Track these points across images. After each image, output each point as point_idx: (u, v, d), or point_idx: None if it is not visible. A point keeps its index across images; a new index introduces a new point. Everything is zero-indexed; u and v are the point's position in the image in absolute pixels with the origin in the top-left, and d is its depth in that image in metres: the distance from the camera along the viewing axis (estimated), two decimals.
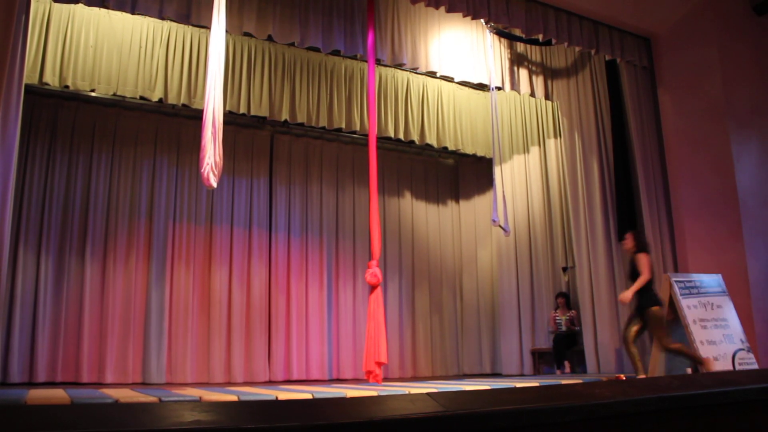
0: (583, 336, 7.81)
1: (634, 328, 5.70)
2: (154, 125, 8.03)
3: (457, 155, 9.89)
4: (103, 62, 7.01)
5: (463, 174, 10.26)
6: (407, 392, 3.16)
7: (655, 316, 5.55)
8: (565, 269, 8.63)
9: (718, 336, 5.76)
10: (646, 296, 5.63)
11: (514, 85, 7.87)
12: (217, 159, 4.96)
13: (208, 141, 4.96)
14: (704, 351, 5.59)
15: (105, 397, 4.26)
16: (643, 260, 5.69)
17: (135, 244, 7.62)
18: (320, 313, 8.57)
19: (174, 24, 7.18)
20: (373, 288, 6.03)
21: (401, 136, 8.66)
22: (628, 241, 5.99)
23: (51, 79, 6.73)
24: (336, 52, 7.66)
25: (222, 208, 8.24)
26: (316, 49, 7.38)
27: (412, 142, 8.89)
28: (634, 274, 5.76)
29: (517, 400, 1.57)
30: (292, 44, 7.11)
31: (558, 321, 8.23)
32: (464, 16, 6.76)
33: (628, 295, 5.70)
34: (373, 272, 5.94)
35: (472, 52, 7.66)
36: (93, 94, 7.36)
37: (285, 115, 7.92)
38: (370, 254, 6.25)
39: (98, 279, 7.36)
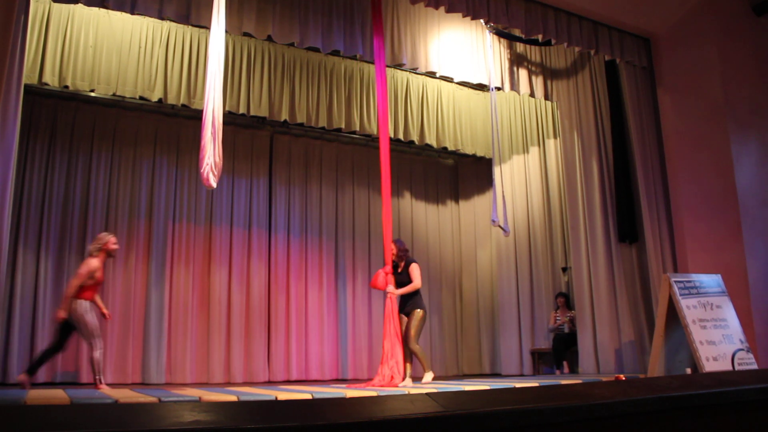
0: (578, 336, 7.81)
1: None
2: (153, 125, 8.03)
3: (457, 155, 9.89)
4: (102, 62, 7.01)
5: (462, 174, 10.26)
6: (407, 392, 3.16)
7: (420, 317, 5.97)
8: (564, 269, 8.63)
9: (717, 336, 5.76)
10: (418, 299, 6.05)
11: (514, 86, 7.87)
12: (217, 159, 4.96)
13: (207, 141, 4.96)
14: (704, 351, 5.59)
15: (104, 397, 4.26)
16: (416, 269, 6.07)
17: (134, 244, 7.62)
18: (320, 314, 8.57)
19: (174, 24, 7.17)
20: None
21: (401, 136, 8.66)
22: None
23: (50, 79, 6.73)
24: (336, 52, 7.65)
25: (221, 209, 8.24)
26: (316, 50, 7.37)
27: (412, 142, 8.89)
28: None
29: (517, 400, 1.57)
30: (292, 44, 7.11)
31: (558, 321, 8.23)
32: (464, 16, 6.76)
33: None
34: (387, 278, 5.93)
35: (472, 53, 7.66)
36: (92, 94, 7.36)
37: (284, 116, 7.92)
38: (384, 260, 6.15)
39: None
